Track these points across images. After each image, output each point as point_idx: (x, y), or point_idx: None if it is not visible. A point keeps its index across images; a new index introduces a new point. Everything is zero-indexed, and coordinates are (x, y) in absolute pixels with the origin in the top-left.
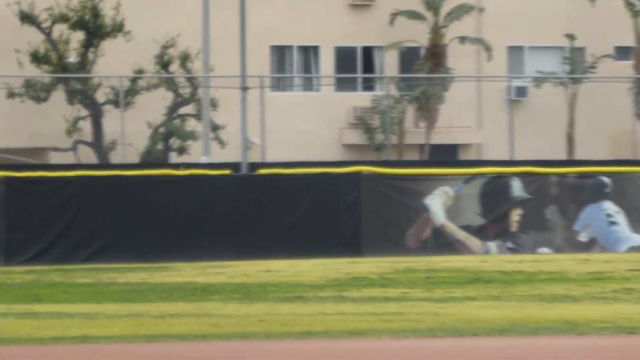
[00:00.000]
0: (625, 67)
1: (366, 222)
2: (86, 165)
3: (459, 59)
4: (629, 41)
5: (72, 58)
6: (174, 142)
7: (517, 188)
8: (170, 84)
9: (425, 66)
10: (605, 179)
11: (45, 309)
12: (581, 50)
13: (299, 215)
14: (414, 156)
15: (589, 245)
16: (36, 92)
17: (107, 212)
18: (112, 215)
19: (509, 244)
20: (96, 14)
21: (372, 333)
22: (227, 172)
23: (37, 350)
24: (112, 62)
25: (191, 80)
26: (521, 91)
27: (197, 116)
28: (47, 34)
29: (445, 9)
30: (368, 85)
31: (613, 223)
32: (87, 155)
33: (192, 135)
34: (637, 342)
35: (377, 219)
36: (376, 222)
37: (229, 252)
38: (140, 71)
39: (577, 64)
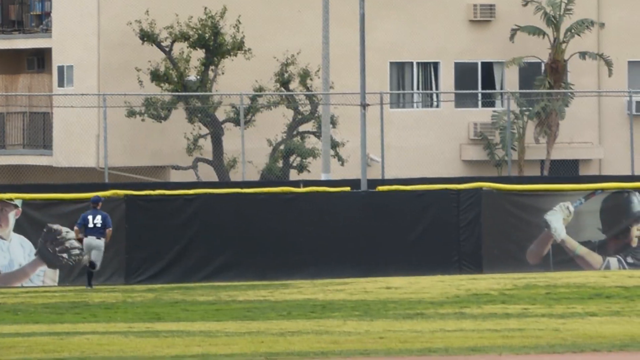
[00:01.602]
0: None
1: (486, 238)
2: (206, 183)
3: (580, 74)
4: None
5: (192, 76)
6: (294, 159)
7: (638, 203)
8: (291, 101)
9: (546, 82)
10: None
11: (166, 328)
12: None
13: (419, 232)
14: (535, 172)
15: None
16: (156, 110)
17: (228, 229)
18: (232, 233)
19: (630, 259)
20: (216, 32)
21: (493, 349)
22: (346, 189)
23: None
24: (232, 80)
25: (311, 97)
26: None
27: (317, 133)
28: (168, 52)
29: (565, 24)
30: (488, 101)
31: None
32: (208, 173)
33: (312, 153)
34: None
35: (497, 235)
36: (496, 239)
37: (349, 269)
38: (260, 89)
39: None
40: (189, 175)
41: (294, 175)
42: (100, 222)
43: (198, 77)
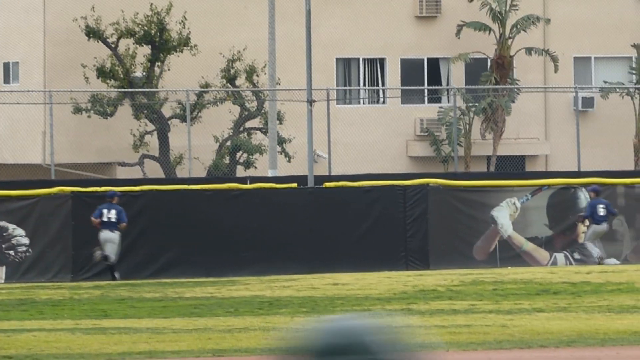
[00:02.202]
0: None
1: (433, 234)
2: (153, 179)
3: (526, 70)
4: None
5: (138, 73)
6: (241, 156)
7: (584, 199)
8: (237, 97)
9: (492, 77)
10: None
11: (112, 324)
12: None
13: (366, 228)
14: (481, 168)
15: None
16: (102, 107)
17: (174, 226)
18: (179, 230)
19: (577, 255)
20: (162, 28)
21: (440, 346)
22: (293, 185)
23: None
24: (179, 76)
25: (257, 93)
26: (588, 102)
27: (264, 130)
28: (113, 48)
29: (511, 20)
30: (434, 97)
31: None
32: (154, 170)
33: (258, 149)
34: None
35: (444, 232)
36: (443, 235)
37: (297, 266)
38: (206, 85)
39: None
40: (136, 172)
41: (240, 171)
42: (115, 216)
43: (144, 73)
